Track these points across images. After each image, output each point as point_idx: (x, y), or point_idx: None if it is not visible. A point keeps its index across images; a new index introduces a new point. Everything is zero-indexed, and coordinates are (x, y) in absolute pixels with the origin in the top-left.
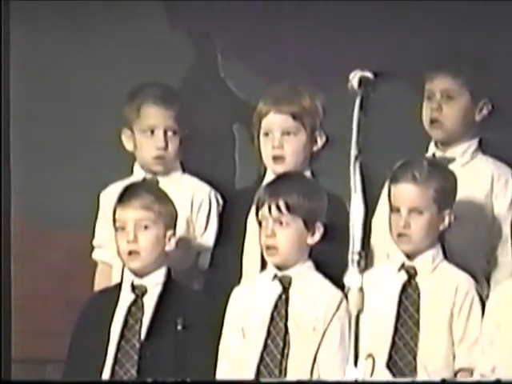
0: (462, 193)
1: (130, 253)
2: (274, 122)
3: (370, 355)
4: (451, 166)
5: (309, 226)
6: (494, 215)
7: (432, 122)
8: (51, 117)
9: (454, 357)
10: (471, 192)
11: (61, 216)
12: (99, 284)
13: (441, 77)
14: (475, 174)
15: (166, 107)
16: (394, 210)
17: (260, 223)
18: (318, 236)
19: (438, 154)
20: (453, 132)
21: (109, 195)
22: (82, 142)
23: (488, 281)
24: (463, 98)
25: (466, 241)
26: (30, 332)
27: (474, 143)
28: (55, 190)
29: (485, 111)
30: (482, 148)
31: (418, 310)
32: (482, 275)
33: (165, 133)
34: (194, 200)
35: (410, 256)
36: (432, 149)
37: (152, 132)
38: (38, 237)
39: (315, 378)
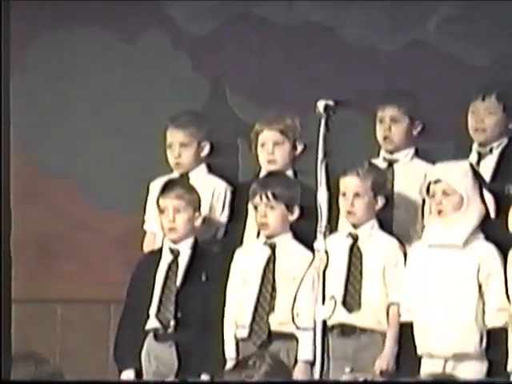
0: (405, 184)
1: (170, 229)
2: (267, 136)
3: (332, 297)
4: (396, 165)
5: (289, 208)
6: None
7: (384, 138)
8: (115, 131)
9: (387, 295)
10: (411, 183)
11: (124, 201)
12: (147, 246)
13: (389, 107)
14: (413, 171)
15: (179, 128)
16: (342, 194)
17: (255, 207)
18: (296, 215)
19: (387, 156)
20: (398, 144)
21: (156, 185)
22: (135, 147)
23: None
24: (405, 121)
25: (407, 216)
26: (97, 281)
27: (412, 150)
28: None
29: (419, 128)
30: (418, 154)
31: (361, 264)
32: (418, 239)
33: (180, 146)
34: (214, 192)
35: (355, 226)
36: (382, 153)
37: (171, 147)
38: (103, 218)
39: (295, 313)
